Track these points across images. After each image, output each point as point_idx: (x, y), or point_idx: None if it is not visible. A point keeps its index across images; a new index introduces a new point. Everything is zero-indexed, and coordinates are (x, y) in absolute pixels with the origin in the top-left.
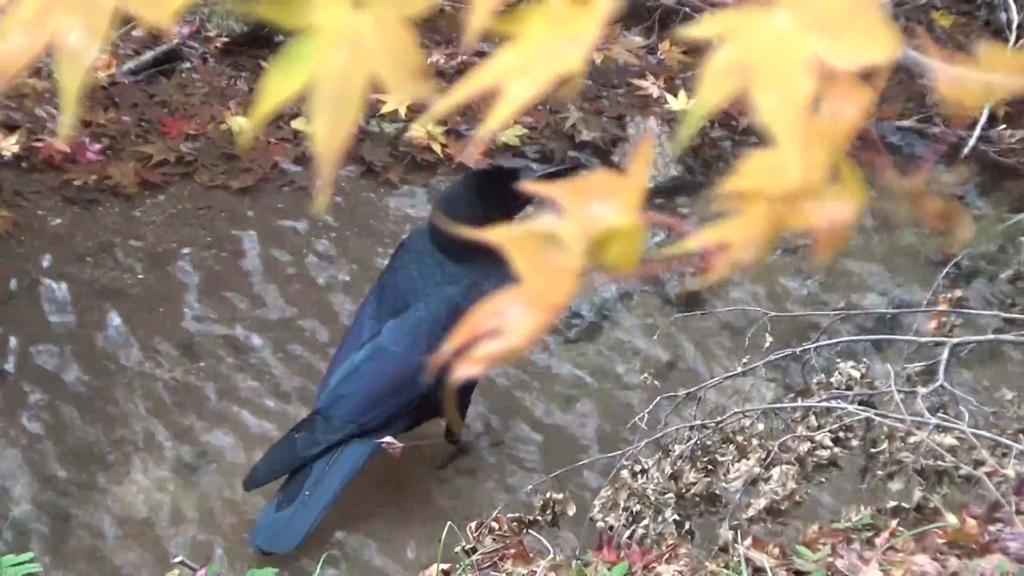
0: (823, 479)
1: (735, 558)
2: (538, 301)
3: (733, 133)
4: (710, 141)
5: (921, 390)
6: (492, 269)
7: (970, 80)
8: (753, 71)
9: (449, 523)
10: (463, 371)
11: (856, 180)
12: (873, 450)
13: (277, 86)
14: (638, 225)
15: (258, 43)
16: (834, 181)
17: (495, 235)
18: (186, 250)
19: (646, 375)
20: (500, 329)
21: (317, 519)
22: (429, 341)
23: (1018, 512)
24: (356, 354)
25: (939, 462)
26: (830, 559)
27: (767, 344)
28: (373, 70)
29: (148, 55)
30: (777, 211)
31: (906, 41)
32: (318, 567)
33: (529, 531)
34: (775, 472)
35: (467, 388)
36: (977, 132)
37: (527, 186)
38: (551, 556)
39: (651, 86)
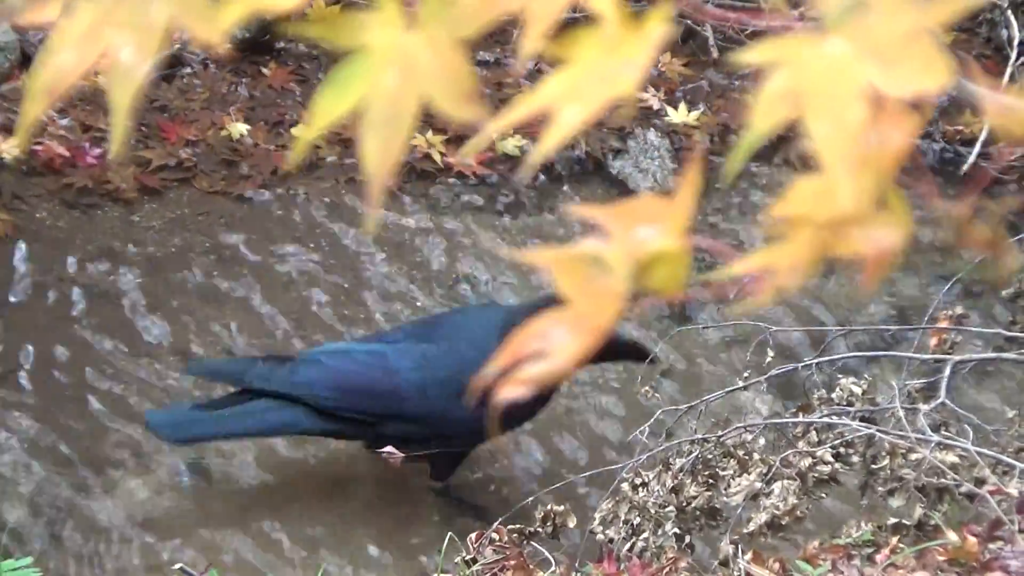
0: (824, 494)
1: (735, 572)
2: (583, 324)
3: (725, 148)
4: (711, 154)
5: (923, 407)
6: None
7: (1020, 110)
8: (806, 98)
9: (449, 533)
10: (507, 392)
11: (903, 206)
12: (874, 466)
13: (329, 104)
14: (684, 249)
15: (259, 49)
16: (881, 207)
17: (541, 257)
18: (185, 256)
19: (647, 388)
20: (544, 351)
21: (211, 438)
22: (429, 373)
23: (1020, 530)
24: (362, 344)
25: (940, 479)
26: (830, 575)
27: (768, 359)
28: (425, 91)
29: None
30: (824, 237)
31: (959, 70)
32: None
33: (530, 543)
34: (776, 487)
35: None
36: (977, 149)
37: (575, 209)
38: (552, 568)
39: (652, 98)
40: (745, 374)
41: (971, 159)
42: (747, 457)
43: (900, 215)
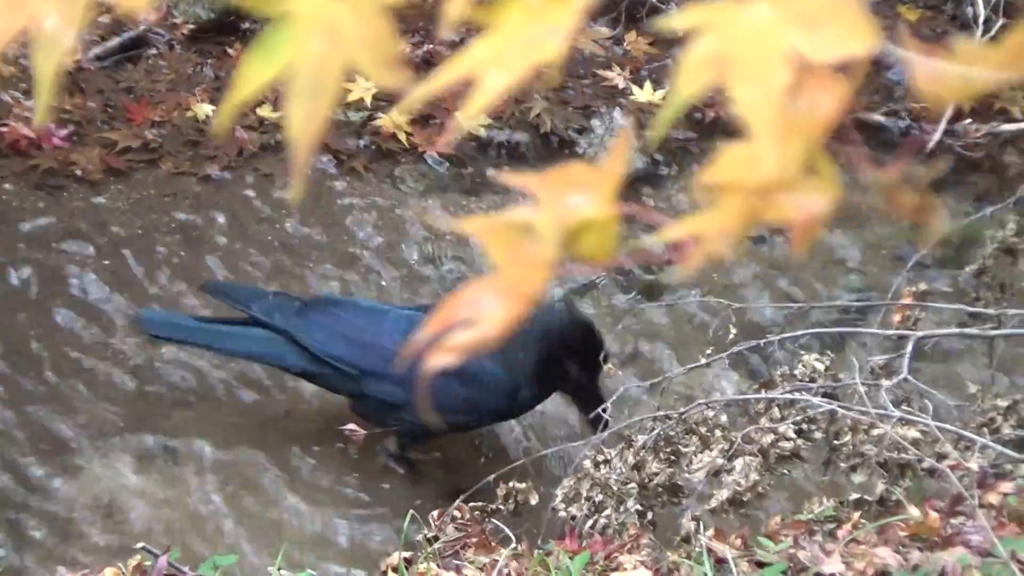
0: (786, 471)
1: (697, 549)
2: (512, 291)
3: (699, 125)
4: (674, 133)
5: (885, 383)
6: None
7: (948, 74)
8: (730, 63)
9: (411, 511)
10: (436, 360)
11: (831, 173)
12: (836, 442)
13: (253, 73)
14: (613, 216)
15: (224, 30)
16: (809, 174)
17: (470, 225)
18: (151, 236)
19: (609, 365)
20: (473, 319)
21: (193, 344)
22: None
23: (980, 505)
24: (368, 301)
25: (902, 455)
26: (792, 551)
27: (731, 336)
28: (350, 58)
29: (114, 41)
30: (752, 203)
31: (884, 35)
32: (279, 557)
33: (491, 520)
34: (738, 463)
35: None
36: (942, 126)
37: (506, 177)
38: (513, 545)
39: (617, 77)
40: (708, 351)
41: (936, 136)
42: (709, 434)
43: (829, 181)
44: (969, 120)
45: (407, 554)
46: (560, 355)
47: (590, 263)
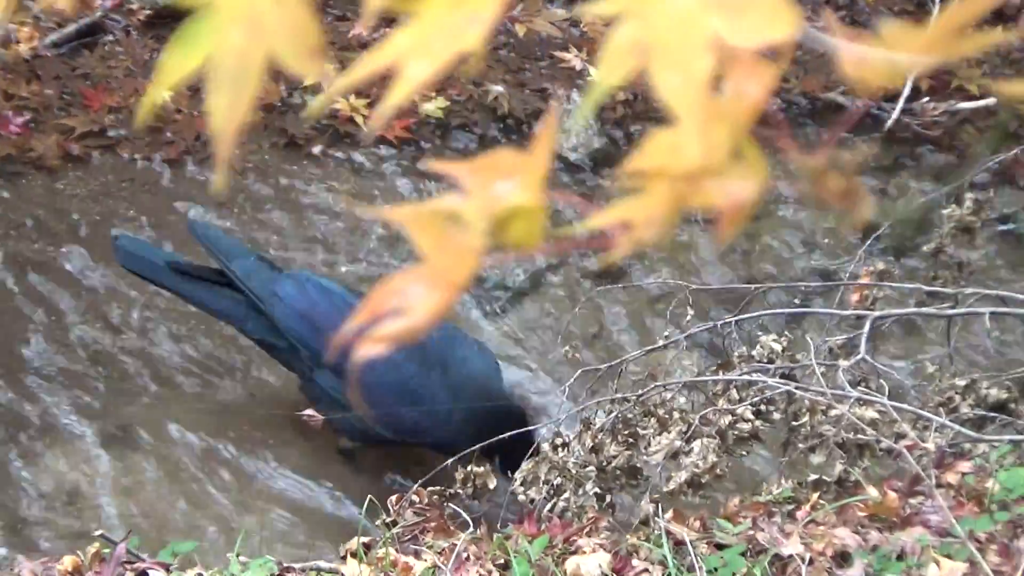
0: (744, 452)
1: (656, 531)
2: (440, 280)
3: (658, 105)
4: (633, 113)
5: (843, 363)
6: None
7: (874, 59)
8: (653, 50)
9: (370, 496)
10: (365, 351)
11: (758, 159)
12: (794, 423)
13: (174, 65)
14: (541, 204)
15: (181, 16)
16: (736, 160)
17: (398, 214)
18: (110, 222)
19: (568, 348)
20: (402, 308)
21: (160, 284)
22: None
23: (939, 485)
24: (349, 292)
25: (860, 435)
26: (751, 532)
27: (689, 317)
28: (272, 48)
29: (71, 28)
30: (679, 190)
31: (810, 20)
32: (237, 544)
33: (450, 504)
34: (696, 445)
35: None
36: (900, 105)
37: (433, 164)
38: (471, 529)
39: (574, 58)
40: (666, 332)
41: (894, 115)
42: (667, 416)
43: (756, 167)
44: (927, 99)
45: (366, 539)
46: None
47: (519, 251)
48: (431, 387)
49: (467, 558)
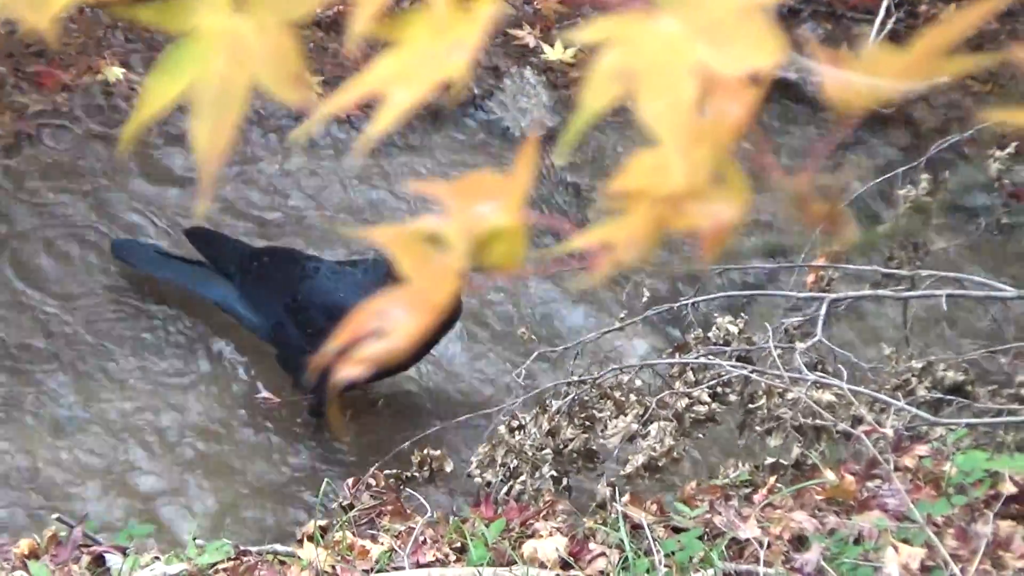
0: (701, 435)
1: (613, 515)
2: (421, 302)
3: None
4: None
5: (799, 346)
6: None
7: (856, 83)
8: (638, 77)
9: (326, 479)
10: (346, 373)
11: (740, 181)
12: (751, 406)
13: (158, 91)
14: (521, 225)
15: None
16: (718, 182)
17: (380, 234)
18: (63, 201)
19: (523, 330)
20: (382, 330)
21: (154, 275)
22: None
23: (896, 469)
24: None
25: (817, 419)
26: (708, 515)
27: (645, 299)
28: (255, 74)
29: None
30: (661, 212)
31: (793, 46)
32: (192, 528)
33: (406, 488)
34: (653, 428)
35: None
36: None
37: (414, 185)
38: (428, 513)
39: (527, 36)
40: (622, 315)
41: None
42: (624, 399)
43: (738, 190)
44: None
45: (323, 522)
46: None
47: (499, 273)
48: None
49: (424, 542)
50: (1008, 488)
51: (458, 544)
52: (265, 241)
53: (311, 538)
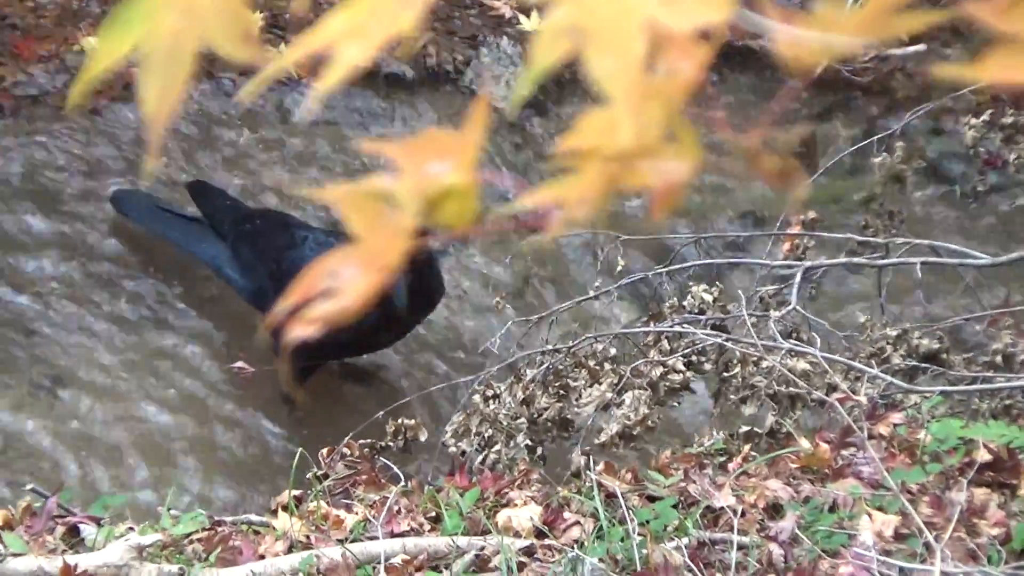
0: (676, 403)
1: (587, 484)
2: (372, 261)
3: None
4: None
5: (774, 314)
6: None
7: (808, 40)
8: (587, 33)
9: (300, 449)
10: (297, 332)
11: (692, 139)
12: (726, 374)
13: (110, 46)
14: (473, 184)
15: None
16: (670, 140)
17: (331, 194)
18: (42, 172)
19: (499, 299)
20: (334, 289)
21: (148, 230)
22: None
23: (870, 437)
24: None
25: (791, 387)
26: (683, 484)
27: (619, 268)
28: (205, 32)
29: None
30: (612, 170)
31: (744, 3)
32: (167, 498)
33: (380, 457)
34: (627, 397)
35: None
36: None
37: (365, 144)
38: (402, 482)
39: (503, 6)
40: (597, 283)
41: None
42: (598, 367)
43: (689, 147)
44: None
45: (297, 492)
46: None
47: (452, 231)
48: None
49: (398, 511)
50: (983, 455)
51: (433, 514)
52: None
53: (285, 508)
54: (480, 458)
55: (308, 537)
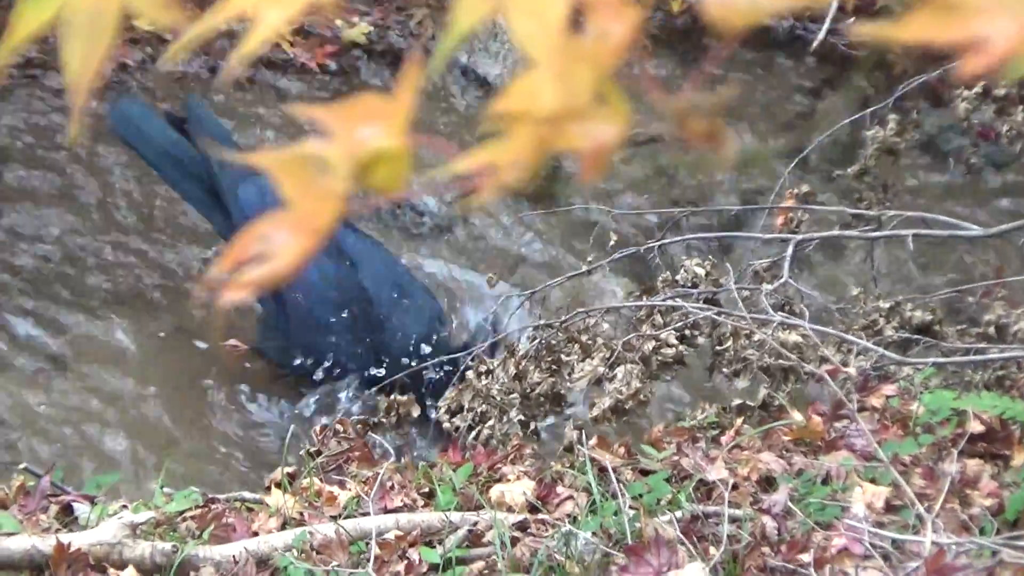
0: (669, 377)
1: (580, 458)
2: (303, 225)
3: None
4: None
5: (766, 287)
6: None
7: (737, 1)
8: None
9: (292, 426)
10: (230, 295)
11: (621, 102)
12: (719, 348)
13: (28, 16)
14: (405, 148)
15: None
16: (600, 102)
17: (262, 159)
18: (37, 151)
19: (492, 274)
20: (266, 253)
21: (140, 154)
22: (333, 285)
23: (863, 409)
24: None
25: (784, 360)
26: (675, 458)
27: (612, 242)
28: None
29: None
30: (542, 133)
31: None
32: (160, 476)
33: (373, 433)
34: (619, 371)
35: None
36: (826, 25)
37: (295, 109)
38: (394, 458)
39: None
40: (589, 258)
41: (820, 35)
42: (590, 342)
43: (618, 110)
44: (852, 19)
45: (290, 469)
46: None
47: (383, 195)
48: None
49: (391, 487)
50: (975, 427)
51: (426, 489)
52: None
53: (279, 485)
54: (473, 433)
55: (301, 514)
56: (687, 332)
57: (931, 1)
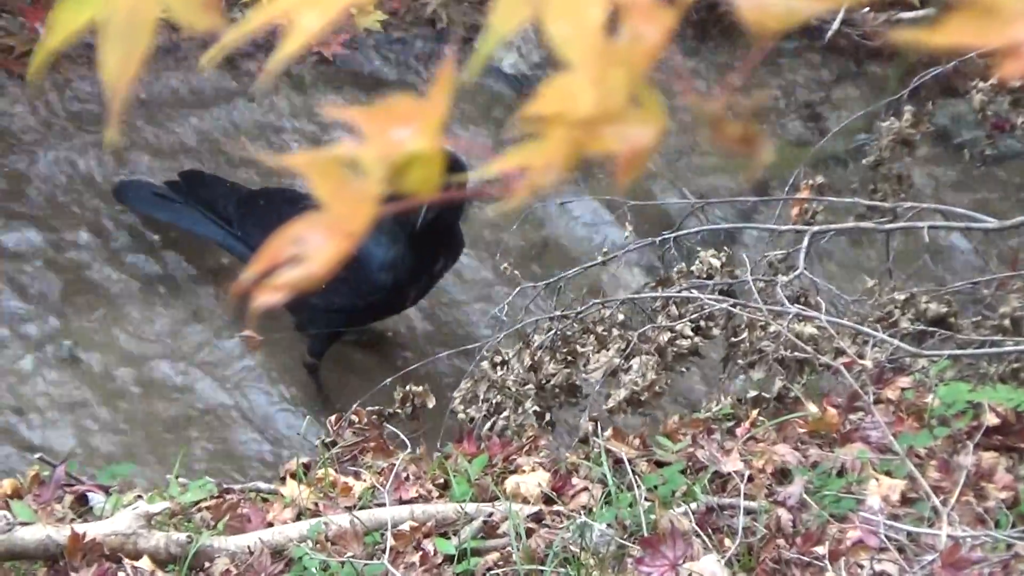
0: (684, 369)
1: (595, 449)
2: (338, 228)
3: None
4: None
5: (781, 279)
6: None
7: (772, 4)
8: (546, 0)
9: (308, 416)
10: (264, 299)
11: (656, 104)
12: (734, 339)
13: (68, 16)
14: (438, 150)
15: None
16: (634, 105)
17: (296, 160)
18: (49, 138)
19: (506, 265)
20: (300, 256)
21: (150, 212)
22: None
23: (878, 401)
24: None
25: (799, 352)
26: (691, 449)
27: (627, 233)
28: (165, 1)
29: None
30: (576, 135)
31: None
32: (176, 462)
33: (388, 424)
34: (635, 363)
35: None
36: (840, 16)
37: (329, 110)
38: (410, 449)
39: None
40: (604, 249)
41: (834, 27)
42: (606, 333)
43: (653, 112)
44: (867, 9)
45: (305, 459)
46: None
47: (417, 198)
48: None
49: (407, 478)
50: (990, 419)
51: (441, 480)
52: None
53: (294, 475)
54: (488, 424)
55: (316, 504)
56: (702, 324)
57: (969, 5)
